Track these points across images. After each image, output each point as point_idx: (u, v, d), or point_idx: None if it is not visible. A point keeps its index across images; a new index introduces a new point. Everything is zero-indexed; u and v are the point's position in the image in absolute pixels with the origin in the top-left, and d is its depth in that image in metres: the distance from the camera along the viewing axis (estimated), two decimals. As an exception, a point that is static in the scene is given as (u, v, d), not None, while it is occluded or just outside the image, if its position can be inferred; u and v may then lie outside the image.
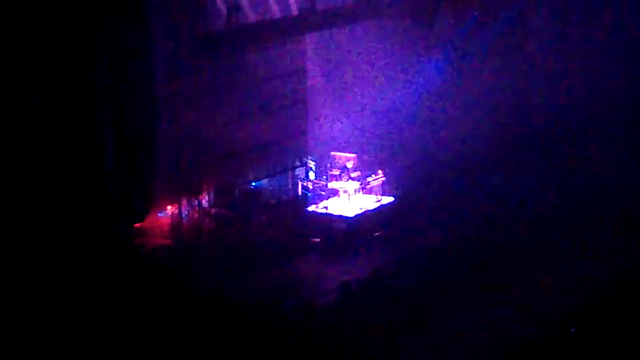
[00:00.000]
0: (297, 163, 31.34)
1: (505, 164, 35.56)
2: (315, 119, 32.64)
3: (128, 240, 27.51)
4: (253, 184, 30.42)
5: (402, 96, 34.03)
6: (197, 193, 28.37)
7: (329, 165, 31.39)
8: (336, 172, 30.83)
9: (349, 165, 30.92)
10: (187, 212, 28.29)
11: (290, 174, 31.25)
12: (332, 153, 31.66)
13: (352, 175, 30.73)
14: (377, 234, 29.24)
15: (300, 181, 31.28)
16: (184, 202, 28.17)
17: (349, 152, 31.51)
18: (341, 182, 30.67)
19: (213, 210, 29.07)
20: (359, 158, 31.29)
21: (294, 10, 30.53)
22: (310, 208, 30.34)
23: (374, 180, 30.63)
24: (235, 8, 28.14)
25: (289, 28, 30.36)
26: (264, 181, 30.69)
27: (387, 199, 30.51)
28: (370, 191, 30.60)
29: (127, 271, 25.38)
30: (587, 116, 36.13)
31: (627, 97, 35.75)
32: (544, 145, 36.48)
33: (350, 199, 30.30)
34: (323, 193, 30.73)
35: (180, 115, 27.48)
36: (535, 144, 36.65)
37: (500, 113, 35.50)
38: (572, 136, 36.51)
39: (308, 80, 32.33)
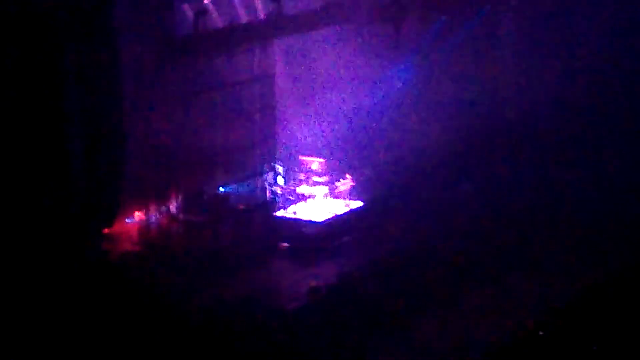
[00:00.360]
0: (266, 168, 31.56)
1: (474, 169, 35.61)
2: (284, 123, 32.79)
3: (96, 246, 26.93)
4: (222, 189, 30.41)
5: (371, 101, 34.17)
6: (165, 198, 28.54)
7: (297, 170, 31.48)
8: (304, 176, 30.99)
9: (318, 169, 31.07)
10: (155, 217, 28.41)
11: (259, 178, 31.47)
12: (301, 157, 31.67)
13: (321, 180, 30.87)
14: (346, 238, 29.44)
15: (269, 186, 31.40)
16: (152, 207, 28.32)
17: (318, 157, 31.54)
18: (310, 186, 30.82)
19: (181, 216, 28.97)
20: (327, 162, 31.35)
21: (261, 15, 30.28)
22: (279, 213, 30.37)
23: (342, 184, 30.83)
24: (201, 13, 28.06)
25: (256, 33, 30.24)
26: (233, 186, 30.81)
27: (356, 204, 30.71)
28: (339, 196, 30.76)
29: (94, 277, 24.85)
30: (556, 119, 35.86)
31: (597, 100, 35.74)
32: (513, 150, 35.90)
33: (319, 203, 30.46)
34: (292, 198, 30.82)
35: (148, 120, 27.47)
36: (504, 149, 36.12)
37: (468, 118, 35.46)
38: (540, 140, 36.01)
39: (276, 85, 32.60)
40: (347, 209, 30.38)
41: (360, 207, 30.78)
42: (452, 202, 33.39)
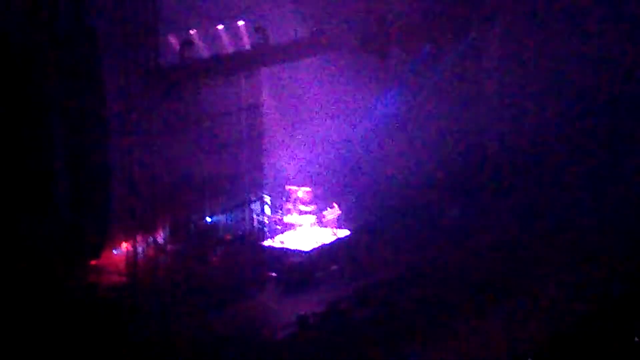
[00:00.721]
0: (253, 197, 31.49)
1: (461, 196, 35.66)
2: (270, 152, 32.61)
3: (82, 278, 26.99)
4: (209, 219, 30.32)
5: (357, 130, 34.44)
6: (152, 229, 28.04)
7: (284, 199, 31.54)
8: (291, 205, 31.05)
9: (304, 198, 31.20)
10: (142, 248, 27.87)
11: (246, 208, 31.30)
12: (287, 187, 31.70)
13: (308, 209, 30.99)
14: (333, 267, 29.24)
15: (256, 215, 31.41)
16: (139, 238, 27.73)
17: (304, 186, 31.67)
18: (297, 215, 30.93)
19: (168, 247, 28.76)
20: (313, 191, 31.45)
21: (247, 45, 30.62)
22: (267, 242, 30.32)
23: (329, 213, 30.79)
24: (187, 43, 28.17)
25: (242, 63, 30.45)
26: (220, 216, 30.67)
27: (343, 232, 30.57)
28: (326, 224, 30.66)
29: (80, 309, 24.86)
30: (540, 144, 36.12)
31: (582, 124, 35.88)
32: (500, 176, 35.95)
33: (306, 232, 30.45)
34: (279, 227, 30.86)
35: (134, 150, 27.18)
36: (491, 175, 36.23)
37: (454, 144, 35.53)
38: (526, 165, 36.04)
39: (263, 115, 32.53)
40: (334, 238, 30.22)
41: (347, 235, 30.67)
42: (440, 228, 33.32)
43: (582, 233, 31.88)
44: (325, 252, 29.81)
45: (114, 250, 28.06)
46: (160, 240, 28.43)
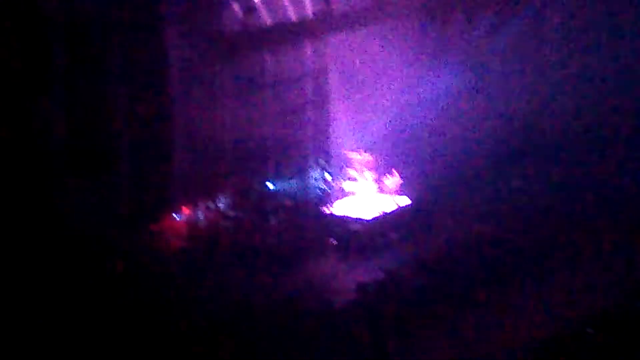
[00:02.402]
0: (314, 165, 31.56)
1: (521, 168, 35.24)
2: (333, 120, 32.74)
3: (143, 242, 27.32)
4: (270, 185, 30.62)
5: (417, 99, 33.75)
6: (213, 195, 28.62)
7: (345, 166, 31.77)
8: (352, 173, 31.31)
9: (365, 165, 31.39)
10: (202, 214, 28.47)
11: (307, 175, 31.45)
12: (349, 154, 31.84)
13: (368, 176, 31.24)
14: (393, 235, 29.08)
15: (317, 182, 31.51)
16: (201, 204, 28.35)
17: (366, 153, 31.76)
18: (357, 183, 31.23)
19: (230, 212, 28.99)
20: (375, 159, 31.61)
21: (310, 12, 30.40)
22: (327, 209, 30.56)
23: (390, 181, 31.12)
24: (250, 10, 28.31)
25: (305, 30, 30.41)
26: (282, 182, 30.94)
27: (403, 201, 30.74)
28: (386, 192, 31.05)
29: (141, 273, 25.41)
30: (600, 120, 35.73)
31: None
32: (559, 150, 35.71)
33: (366, 200, 30.74)
34: (340, 194, 31.23)
35: (196, 117, 27.82)
36: (551, 149, 35.92)
37: (515, 116, 35.50)
38: (586, 140, 35.59)
39: (327, 82, 32.34)
40: (394, 206, 30.36)
41: (407, 204, 30.75)
42: (503, 199, 33.18)
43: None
44: (386, 220, 29.80)
45: (175, 216, 28.14)
46: (221, 206, 28.77)
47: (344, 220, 29.82)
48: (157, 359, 21.33)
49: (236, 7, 28.36)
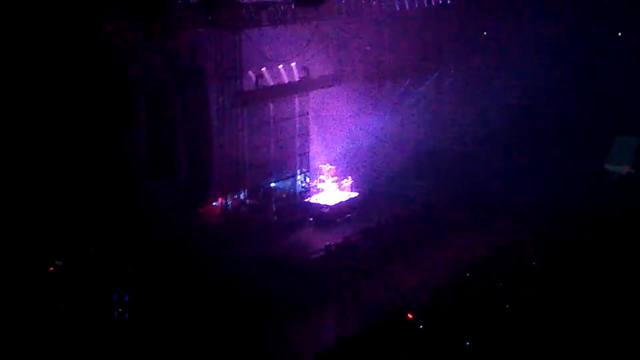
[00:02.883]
0: (299, 172, 31.98)
1: (427, 173, 34.63)
2: (311, 144, 32.61)
3: (195, 219, 27.80)
4: (272, 184, 30.87)
5: (363, 132, 33.84)
6: (236, 191, 29.04)
7: (318, 173, 32.10)
8: (323, 178, 31.67)
9: (331, 173, 31.67)
10: (230, 202, 29.05)
11: (295, 178, 31.78)
12: (320, 165, 32.29)
13: (332, 179, 31.58)
14: (348, 215, 30.43)
15: (301, 183, 32.01)
16: (229, 196, 28.79)
17: (331, 165, 32.15)
18: (325, 183, 31.55)
19: (247, 201, 29.70)
20: (336, 168, 32.06)
21: (297, 77, 30.43)
22: (307, 200, 31.36)
23: (345, 182, 31.73)
24: (260, 76, 28.78)
25: (294, 89, 30.49)
26: (278, 183, 31.24)
27: (354, 194, 31.51)
28: (343, 189, 31.49)
29: (193, 238, 26.17)
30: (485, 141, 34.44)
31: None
32: (450, 163, 35.02)
33: (331, 194, 31.16)
34: (314, 190, 31.64)
35: (226, 141, 28.00)
36: (443, 162, 35.06)
37: (424, 140, 35.23)
38: (466, 156, 34.70)
39: (309, 120, 32.45)
40: (348, 197, 31.20)
41: (356, 196, 31.52)
42: (415, 193, 32.86)
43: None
44: (343, 206, 30.69)
45: (213, 203, 29.01)
46: (241, 197, 29.28)
47: (317, 206, 30.81)
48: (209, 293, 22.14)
49: (252, 74, 28.60)
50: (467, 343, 17.98)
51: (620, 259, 23.84)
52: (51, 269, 22.08)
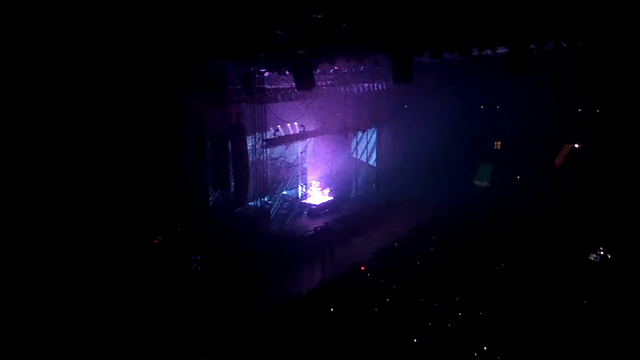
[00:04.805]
0: (300, 185, 31.40)
1: (383, 182, 33.79)
2: (310, 167, 31.81)
3: (237, 214, 26.26)
4: (284, 192, 30.16)
5: (337, 162, 32.44)
6: (262, 196, 27.41)
7: (309, 186, 31.47)
8: (313, 188, 31.14)
9: (317, 186, 31.14)
10: (259, 203, 27.00)
11: (297, 189, 31.23)
12: (312, 181, 31.61)
13: (318, 189, 31.00)
14: (327, 210, 29.80)
15: (300, 191, 31.38)
16: (258, 199, 26.83)
17: (317, 181, 31.55)
18: (314, 191, 30.98)
19: (268, 202, 28.31)
20: (320, 184, 31.31)
21: (298, 130, 29.31)
22: (303, 201, 30.53)
23: (326, 191, 30.95)
24: (277, 130, 27.89)
25: (297, 137, 29.44)
26: (288, 191, 30.61)
27: (330, 198, 30.69)
28: (324, 195, 30.70)
29: (236, 227, 25.06)
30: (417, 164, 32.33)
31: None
32: (402, 175, 33.22)
33: (317, 198, 30.49)
34: (308, 195, 31.03)
35: (257, 168, 26.60)
36: (396, 174, 33.47)
37: (383, 166, 33.76)
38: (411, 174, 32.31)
39: (306, 155, 31.56)
40: (327, 200, 30.35)
41: (333, 199, 30.62)
42: (369, 196, 32.48)
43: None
44: (324, 204, 29.96)
45: (250, 204, 27.08)
46: (265, 199, 27.94)
47: (309, 204, 29.92)
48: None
49: (272, 129, 27.62)
50: (394, 286, 17.89)
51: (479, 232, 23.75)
52: (155, 241, 21.87)
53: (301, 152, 31.59)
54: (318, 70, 22.39)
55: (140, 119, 20.28)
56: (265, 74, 24.04)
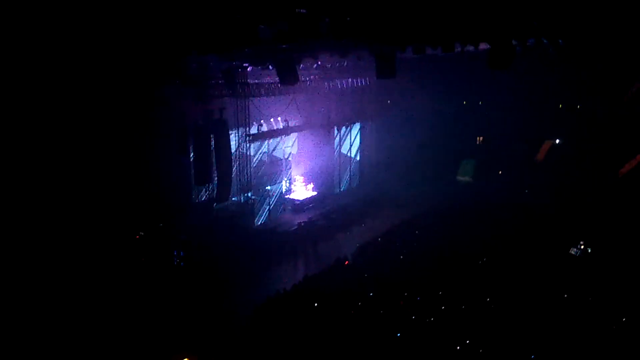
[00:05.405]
0: (284, 180, 31.06)
1: (374, 179, 33.63)
2: (295, 164, 31.76)
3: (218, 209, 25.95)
4: (268, 187, 29.59)
5: (320, 158, 31.91)
6: (246, 191, 26.95)
7: (293, 181, 31.40)
8: (297, 183, 31.13)
9: (301, 181, 31.17)
10: (242, 198, 26.47)
11: (281, 184, 30.84)
12: (295, 176, 31.51)
13: (302, 185, 30.98)
14: (310, 205, 29.74)
15: (284, 186, 30.98)
16: (239, 195, 26.72)
17: (301, 177, 31.43)
18: (298, 187, 30.98)
19: (252, 197, 27.56)
20: (304, 179, 31.30)
21: (281, 125, 29.36)
22: (287, 196, 30.39)
23: (309, 186, 31.05)
24: (260, 125, 27.45)
25: (282, 132, 29.22)
26: (271, 186, 30.00)
27: (314, 193, 30.75)
28: (308, 190, 30.84)
29: (222, 217, 25.06)
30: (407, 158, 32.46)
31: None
32: (385, 173, 33.28)
33: (301, 193, 30.52)
34: (292, 190, 30.91)
35: (240, 163, 26.50)
36: (379, 172, 33.58)
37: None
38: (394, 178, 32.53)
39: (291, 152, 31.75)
40: (311, 195, 30.44)
41: (316, 194, 30.65)
42: (352, 195, 32.00)
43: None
44: (308, 199, 29.88)
45: (233, 199, 26.64)
46: (249, 195, 27.31)
47: (293, 200, 29.91)
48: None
49: (256, 124, 27.10)
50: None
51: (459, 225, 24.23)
52: (137, 237, 21.74)
53: (285, 147, 31.37)
54: (302, 65, 22.07)
55: (120, 115, 20.02)
56: (248, 69, 23.82)
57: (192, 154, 24.68)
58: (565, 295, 15.67)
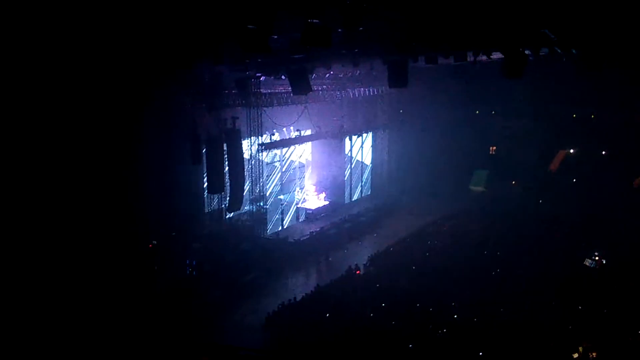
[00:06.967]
0: (294, 189, 31.00)
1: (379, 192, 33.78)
2: (311, 174, 31.97)
3: (231, 216, 25.85)
4: (280, 196, 29.60)
5: (332, 167, 32.17)
6: (259, 200, 26.31)
7: (306, 190, 31.47)
8: (309, 193, 31.19)
9: (314, 191, 31.23)
10: (255, 208, 26.23)
11: (293, 192, 30.85)
12: (308, 185, 31.75)
13: (314, 193, 31.12)
14: (322, 214, 29.74)
15: (296, 195, 30.94)
16: (250, 205, 26.27)
17: (313, 186, 31.78)
18: (310, 196, 31.04)
19: (265, 207, 26.95)
20: (317, 189, 31.48)
21: (294, 134, 28.88)
22: (299, 205, 30.42)
23: (321, 196, 31.14)
24: (272, 134, 27.26)
25: (294, 141, 28.88)
26: (284, 195, 30.06)
27: (326, 202, 30.81)
28: (320, 200, 30.88)
29: (236, 226, 25.28)
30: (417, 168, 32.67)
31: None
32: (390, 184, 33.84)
33: (313, 202, 30.65)
34: (304, 200, 30.97)
35: (252, 173, 25.85)
36: (382, 183, 33.92)
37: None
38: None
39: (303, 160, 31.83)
40: (323, 204, 30.55)
41: (328, 204, 30.73)
42: (361, 203, 32.12)
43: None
44: (320, 208, 29.94)
45: (245, 207, 25.65)
46: (261, 204, 26.05)
47: (305, 209, 30.09)
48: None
49: (268, 133, 26.85)
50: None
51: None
52: (150, 245, 21.69)
53: (297, 157, 31.56)
54: (314, 74, 22.11)
55: (135, 124, 20.17)
56: (261, 78, 24.07)
57: (205, 163, 24.72)
58: (580, 307, 15.57)
